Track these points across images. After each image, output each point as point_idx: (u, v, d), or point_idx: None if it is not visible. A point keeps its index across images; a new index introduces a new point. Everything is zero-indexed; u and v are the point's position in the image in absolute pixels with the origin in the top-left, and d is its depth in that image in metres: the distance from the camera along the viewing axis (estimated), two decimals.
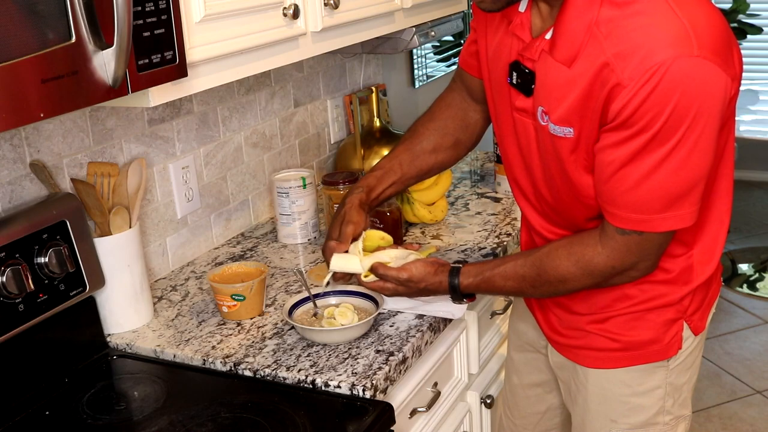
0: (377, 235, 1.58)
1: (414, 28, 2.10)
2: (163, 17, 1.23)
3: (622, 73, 1.16)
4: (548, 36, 1.27)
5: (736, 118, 1.45)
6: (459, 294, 1.49)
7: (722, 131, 1.25)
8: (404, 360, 1.45)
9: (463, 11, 2.35)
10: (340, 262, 1.52)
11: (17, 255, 1.36)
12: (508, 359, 1.76)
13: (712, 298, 1.48)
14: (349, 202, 1.59)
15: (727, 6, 4.60)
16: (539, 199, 1.45)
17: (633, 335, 1.42)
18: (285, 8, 1.56)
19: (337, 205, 1.89)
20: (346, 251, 1.54)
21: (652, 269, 1.34)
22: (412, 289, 1.50)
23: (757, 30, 4.62)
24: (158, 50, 1.23)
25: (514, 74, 1.35)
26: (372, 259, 1.52)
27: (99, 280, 1.52)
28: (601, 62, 1.18)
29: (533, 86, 1.31)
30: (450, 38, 3.24)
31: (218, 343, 1.53)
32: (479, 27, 1.48)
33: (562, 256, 1.35)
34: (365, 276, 1.52)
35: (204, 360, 1.48)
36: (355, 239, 1.55)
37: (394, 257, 1.53)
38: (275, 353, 1.47)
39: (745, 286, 4.00)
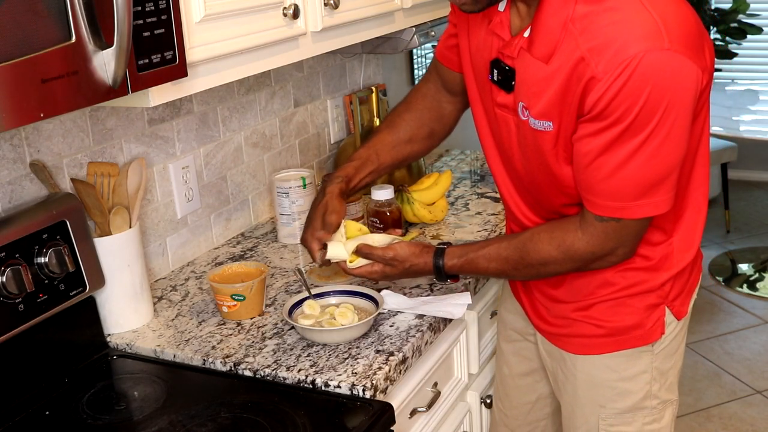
0: (355, 226, 1.60)
1: (414, 28, 2.10)
2: (163, 17, 1.23)
3: (596, 67, 1.21)
4: (526, 34, 1.32)
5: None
6: (443, 274, 1.52)
7: (696, 122, 1.30)
8: (404, 360, 1.45)
9: None
10: (332, 251, 1.54)
11: (17, 255, 1.36)
12: (498, 350, 1.79)
13: (693, 284, 1.52)
14: (329, 192, 1.61)
15: (727, 6, 4.60)
16: (520, 190, 1.50)
17: (616, 321, 1.46)
18: (285, 8, 1.56)
19: None
20: (330, 240, 1.56)
21: (631, 255, 1.39)
22: (397, 269, 1.53)
23: (757, 30, 4.62)
24: (158, 50, 1.23)
25: (495, 71, 1.40)
26: (356, 243, 1.55)
27: (99, 280, 1.52)
28: (576, 57, 1.23)
29: (513, 83, 1.36)
30: None
31: (218, 343, 1.53)
32: (460, 24, 1.52)
33: (544, 240, 1.40)
34: (351, 261, 1.54)
35: (204, 360, 1.48)
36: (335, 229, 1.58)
37: (377, 241, 1.55)
38: (275, 353, 1.47)
39: (745, 286, 4.00)
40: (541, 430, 1.76)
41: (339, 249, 1.54)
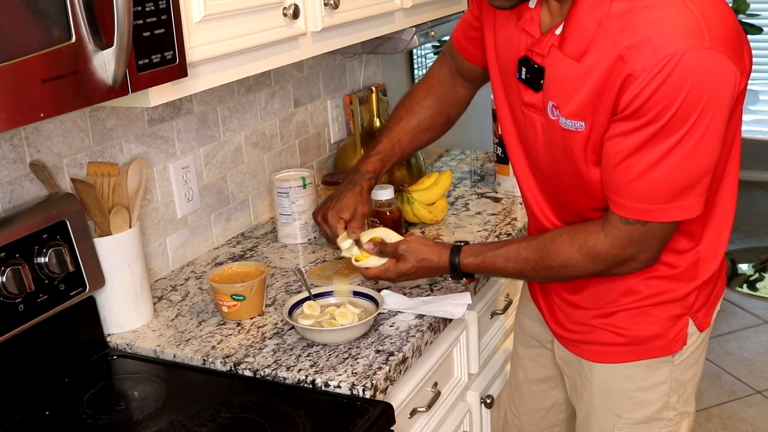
0: (377, 234, 1.60)
1: (414, 28, 2.10)
2: (163, 17, 1.23)
3: (634, 65, 1.17)
4: (558, 31, 1.28)
5: None
6: (458, 272, 1.50)
7: (729, 126, 1.27)
8: (404, 360, 1.45)
9: (462, 11, 2.35)
10: (345, 245, 1.58)
11: (17, 255, 1.36)
12: (514, 354, 1.76)
13: (717, 295, 1.49)
14: (361, 186, 1.62)
15: None
16: (545, 193, 1.46)
17: (638, 330, 1.43)
18: (285, 8, 1.56)
19: None
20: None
21: (654, 261, 1.35)
22: (410, 263, 1.52)
23: (757, 30, 4.61)
24: (158, 50, 1.23)
25: (523, 69, 1.36)
26: (368, 237, 1.57)
27: (99, 280, 1.52)
28: (614, 55, 1.20)
29: (542, 81, 1.32)
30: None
31: (218, 343, 1.53)
32: (486, 19, 1.49)
33: (566, 242, 1.37)
34: (357, 259, 1.56)
35: (204, 360, 1.48)
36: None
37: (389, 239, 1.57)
38: (275, 353, 1.47)
39: (745, 286, 4.00)
40: None
41: (352, 245, 1.57)
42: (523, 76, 1.36)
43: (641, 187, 1.25)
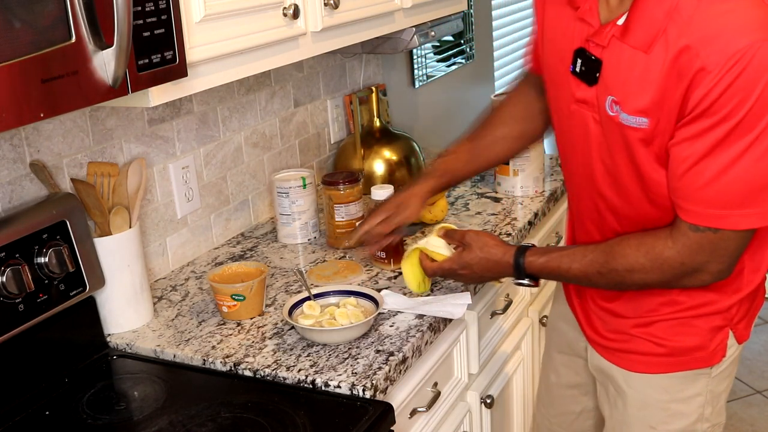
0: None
1: (414, 28, 2.10)
2: (163, 17, 1.23)
3: (706, 58, 1.13)
4: (620, 21, 1.24)
5: None
6: (522, 271, 1.45)
7: None
8: (404, 360, 1.45)
9: (463, 11, 2.35)
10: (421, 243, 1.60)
11: (17, 255, 1.36)
12: (547, 357, 1.75)
13: (757, 306, 1.45)
14: (421, 189, 1.66)
15: None
16: (597, 199, 1.40)
17: (679, 341, 1.40)
18: (285, 8, 1.56)
19: (337, 206, 1.90)
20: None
21: (726, 275, 1.28)
22: (473, 252, 1.48)
23: None
24: (158, 50, 1.23)
25: (579, 62, 1.31)
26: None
27: (99, 280, 1.52)
28: (681, 46, 1.15)
29: (598, 74, 1.28)
30: (450, 38, 3.23)
31: (218, 343, 1.53)
32: (538, 18, 1.47)
33: (633, 245, 1.30)
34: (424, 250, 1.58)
35: (204, 360, 1.48)
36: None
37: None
38: (275, 353, 1.47)
39: None
40: None
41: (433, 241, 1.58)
42: (578, 69, 1.31)
43: (713, 191, 1.18)
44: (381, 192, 1.87)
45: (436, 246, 1.57)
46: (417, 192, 1.66)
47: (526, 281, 1.47)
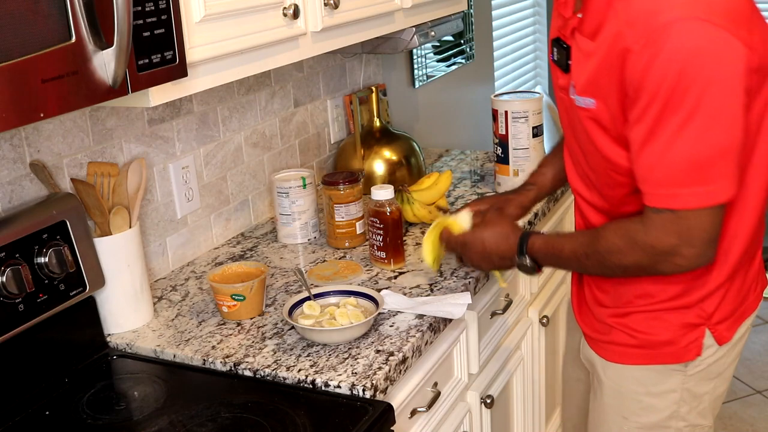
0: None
1: (414, 28, 2.10)
2: (163, 17, 1.23)
3: (630, 39, 1.17)
4: (580, 14, 1.30)
5: None
6: (524, 249, 1.47)
7: (753, 109, 1.22)
8: (404, 360, 1.45)
9: (463, 11, 2.35)
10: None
11: (17, 255, 1.36)
12: (567, 348, 1.77)
13: (746, 310, 1.45)
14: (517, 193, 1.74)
15: None
16: (584, 180, 1.47)
17: (650, 334, 1.43)
18: (285, 8, 1.56)
19: (337, 206, 1.90)
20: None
21: (704, 260, 1.28)
22: (489, 229, 1.55)
23: None
24: (158, 50, 1.23)
25: (555, 50, 1.37)
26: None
27: (99, 280, 1.52)
28: (615, 31, 1.20)
29: (569, 62, 1.33)
30: (450, 38, 3.23)
31: (218, 343, 1.53)
32: None
33: (613, 228, 1.34)
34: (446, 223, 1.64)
35: (204, 360, 1.48)
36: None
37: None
38: (275, 353, 1.47)
39: None
40: None
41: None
42: (555, 57, 1.38)
43: (661, 172, 1.21)
44: (381, 192, 1.87)
45: (462, 219, 1.62)
46: (515, 199, 1.70)
47: (528, 261, 1.48)
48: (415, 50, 2.95)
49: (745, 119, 1.19)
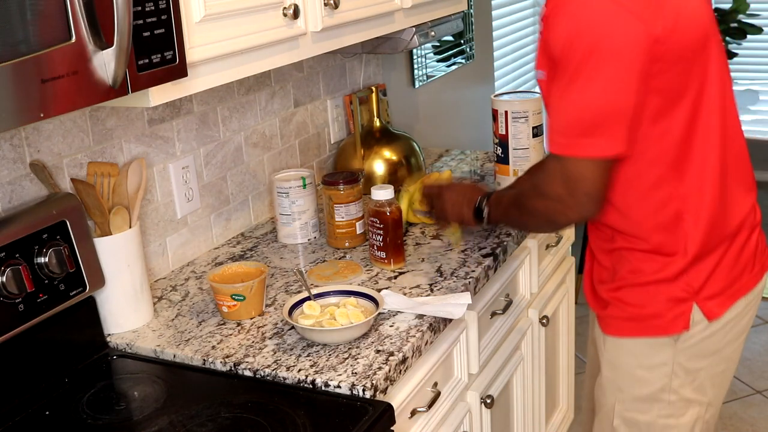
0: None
1: (414, 28, 2.10)
2: (163, 17, 1.23)
3: (548, 7, 1.36)
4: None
5: None
6: (483, 198, 1.62)
7: (678, 109, 1.35)
8: (404, 360, 1.45)
9: (463, 11, 2.35)
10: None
11: (17, 255, 1.36)
12: (590, 327, 1.80)
13: (740, 288, 1.50)
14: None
15: (727, 6, 4.60)
16: None
17: (639, 306, 1.50)
18: (285, 8, 1.56)
19: (337, 206, 1.90)
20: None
21: (584, 211, 1.39)
22: (454, 184, 1.73)
23: (757, 30, 4.61)
24: (158, 50, 1.23)
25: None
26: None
27: (99, 280, 1.52)
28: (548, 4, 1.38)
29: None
30: (450, 38, 3.23)
31: (218, 343, 1.53)
32: None
33: (525, 176, 1.61)
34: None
35: (204, 360, 1.48)
36: None
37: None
38: (275, 353, 1.47)
39: None
40: None
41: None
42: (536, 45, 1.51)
43: (555, 121, 1.36)
44: (381, 192, 1.87)
45: (444, 176, 1.89)
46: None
47: (485, 210, 1.61)
48: (415, 50, 2.95)
49: (640, 88, 1.30)
